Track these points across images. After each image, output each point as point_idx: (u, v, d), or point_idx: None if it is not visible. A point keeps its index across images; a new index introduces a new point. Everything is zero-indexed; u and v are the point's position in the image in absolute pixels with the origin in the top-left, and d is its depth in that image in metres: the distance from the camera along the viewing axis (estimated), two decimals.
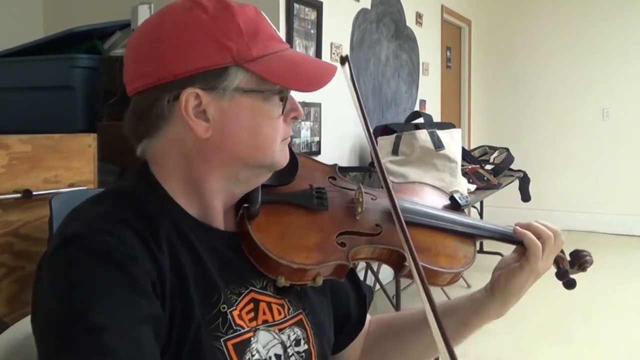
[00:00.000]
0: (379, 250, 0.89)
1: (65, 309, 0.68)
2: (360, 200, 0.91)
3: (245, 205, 0.84)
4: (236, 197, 0.85)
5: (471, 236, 0.98)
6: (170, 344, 0.72)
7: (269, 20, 0.83)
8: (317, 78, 0.82)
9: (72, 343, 0.66)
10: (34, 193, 1.56)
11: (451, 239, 0.96)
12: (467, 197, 1.05)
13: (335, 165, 1.01)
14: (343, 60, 0.86)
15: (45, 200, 1.49)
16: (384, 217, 0.92)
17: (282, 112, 0.81)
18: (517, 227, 0.97)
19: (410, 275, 0.88)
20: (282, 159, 0.85)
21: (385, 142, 3.57)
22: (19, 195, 1.54)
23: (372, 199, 0.95)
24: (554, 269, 1.00)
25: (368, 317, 1.06)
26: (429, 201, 1.02)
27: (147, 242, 0.73)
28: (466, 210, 1.43)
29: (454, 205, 1.03)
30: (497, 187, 3.91)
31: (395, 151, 3.50)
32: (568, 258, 1.03)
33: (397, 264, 0.90)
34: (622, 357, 3.22)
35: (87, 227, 0.73)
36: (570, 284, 1.00)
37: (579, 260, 1.02)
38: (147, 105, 0.78)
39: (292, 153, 0.91)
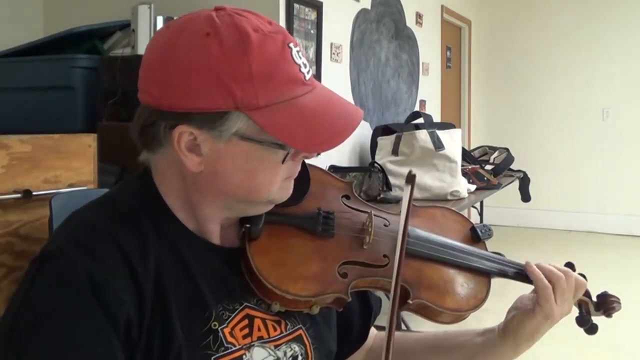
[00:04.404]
0: (382, 282, 0.85)
1: (12, 322, 0.69)
2: (370, 229, 0.86)
3: (247, 225, 0.81)
4: (234, 220, 0.84)
5: (487, 274, 0.93)
6: None
7: (296, 55, 0.75)
8: (329, 137, 0.75)
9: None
10: (34, 193, 1.56)
11: (464, 276, 0.91)
12: (489, 230, 0.99)
13: (352, 182, 0.96)
14: (409, 179, 0.79)
15: (45, 201, 1.49)
16: (393, 247, 0.86)
17: (283, 162, 0.76)
18: (529, 264, 0.92)
19: (413, 310, 0.87)
20: (282, 196, 0.80)
21: (385, 142, 3.57)
22: (19, 195, 1.54)
23: (384, 224, 0.90)
24: (575, 313, 0.95)
25: (374, 331, 1.03)
26: (448, 229, 0.96)
27: (130, 263, 0.71)
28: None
29: (474, 237, 0.97)
30: (497, 187, 3.90)
31: (395, 151, 3.49)
32: (594, 299, 0.97)
33: (402, 298, 0.85)
34: (622, 356, 3.22)
35: (70, 242, 0.72)
36: (591, 330, 0.95)
37: (606, 306, 0.97)
38: (147, 124, 0.76)
39: (306, 169, 0.87)
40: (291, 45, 0.75)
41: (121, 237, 0.73)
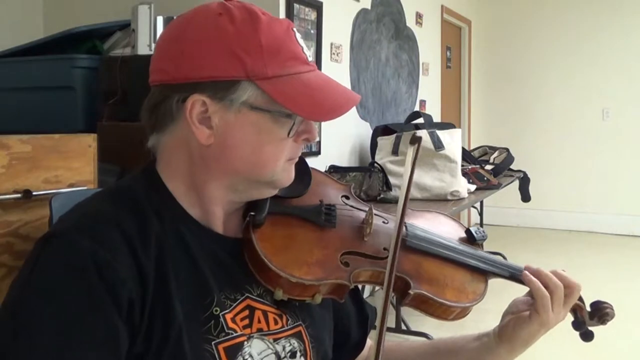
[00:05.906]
0: (382, 275, 0.86)
1: (16, 301, 0.70)
2: (370, 221, 0.89)
3: (252, 213, 0.83)
4: (237, 205, 0.85)
5: (483, 272, 0.95)
6: (151, 348, 0.72)
7: (299, 39, 0.82)
8: (331, 108, 0.79)
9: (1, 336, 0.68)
10: (34, 193, 1.55)
11: (462, 272, 0.93)
12: (483, 232, 1.01)
13: (351, 184, 0.99)
14: (414, 140, 0.85)
15: (45, 201, 1.49)
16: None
17: (289, 135, 0.80)
18: (526, 273, 0.93)
19: (414, 305, 0.88)
20: (285, 178, 0.83)
21: (385, 142, 3.57)
22: (19, 195, 1.53)
23: (383, 222, 0.93)
24: (570, 318, 0.96)
25: (369, 342, 1.03)
26: (444, 232, 0.99)
27: (133, 246, 0.73)
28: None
29: (470, 239, 1.00)
30: (497, 187, 3.90)
31: (395, 151, 3.49)
32: (588, 308, 0.98)
33: (402, 291, 0.87)
34: (622, 357, 3.22)
35: (73, 226, 0.73)
36: (587, 336, 0.96)
37: (599, 313, 0.97)
38: (159, 101, 0.79)
39: (306, 166, 0.90)
40: (294, 29, 0.82)
41: (122, 221, 0.74)
